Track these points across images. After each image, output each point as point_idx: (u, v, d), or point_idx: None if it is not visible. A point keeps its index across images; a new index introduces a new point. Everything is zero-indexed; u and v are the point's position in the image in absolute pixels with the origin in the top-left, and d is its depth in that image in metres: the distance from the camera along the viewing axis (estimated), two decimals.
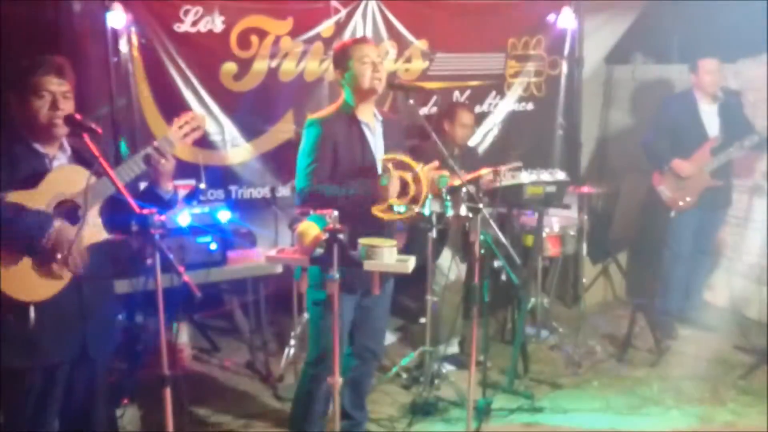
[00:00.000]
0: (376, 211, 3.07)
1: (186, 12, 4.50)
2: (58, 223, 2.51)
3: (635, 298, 5.12)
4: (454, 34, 5.27)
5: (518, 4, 5.50)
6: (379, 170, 3.12)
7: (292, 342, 4.48)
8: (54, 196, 2.56)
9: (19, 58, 2.61)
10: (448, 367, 4.46)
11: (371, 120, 3.27)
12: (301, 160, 3.19)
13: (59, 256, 2.51)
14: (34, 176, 2.54)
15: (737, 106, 5.10)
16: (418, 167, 3.07)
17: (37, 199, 2.54)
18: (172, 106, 4.51)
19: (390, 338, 5.07)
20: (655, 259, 5.39)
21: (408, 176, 3.06)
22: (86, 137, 2.51)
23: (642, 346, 4.92)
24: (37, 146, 2.62)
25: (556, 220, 5.11)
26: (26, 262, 2.52)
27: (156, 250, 2.35)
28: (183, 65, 4.55)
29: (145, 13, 4.42)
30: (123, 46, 4.39)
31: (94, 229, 2.63)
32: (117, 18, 4.30)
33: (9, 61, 2.71)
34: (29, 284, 2.53)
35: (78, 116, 2.54)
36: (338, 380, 2.90)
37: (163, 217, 2.36)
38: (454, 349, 4.73)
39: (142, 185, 2.90)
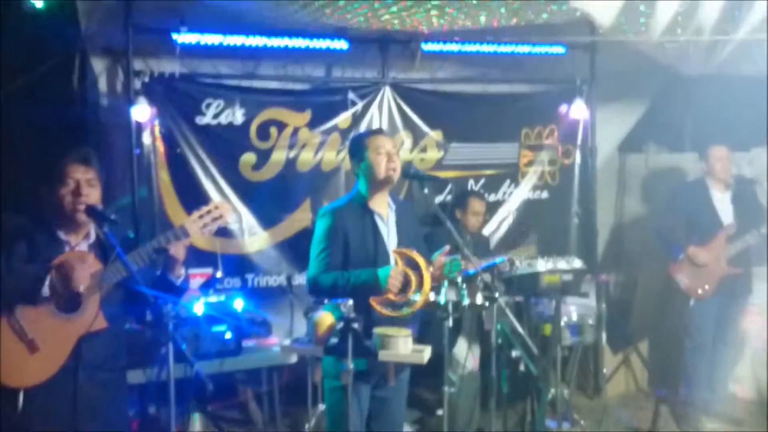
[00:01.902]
0: (373, 302, 3.04)
1: (208, 105, 4.66)
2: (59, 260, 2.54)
3: (658, 389, 4.98)
4: (468, 124, 5.38)
5: (531, 95, 5.63)
6: (391, 261, 3.13)
7: None
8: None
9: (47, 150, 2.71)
10: None
11: (384, 210, 3.30)
12: (313, 250, 3.23)
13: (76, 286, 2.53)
14: (47, 262, 2.58)
15: (751, 193, 5.10)
16: (425, 267, 3.02)
17: None
18: (191, 195, 4.60)
19: (407, 430, 4.94)
20: (676, 349, 5.28)
21: (412, 275, 3.03)
22: (105, 227, 2.56)
23: None
24: (60, 234, 2.68)
25: (574, 309, 5.04)
26: (18, 345, 2.52)
27: (169, 340, 2.35)
28: (203, 156, 4.67)
29: (169, 107, 4.58)
30: (146, 138, 4.53)
31: (94, 317, 2.62)
32: (142, 112, 4.45)
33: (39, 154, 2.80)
34: (20, 369, 2.52)
35: (98, 206, 2.61)
36: None
37: (176, 307, 2.36)
38: None
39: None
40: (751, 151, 5.57)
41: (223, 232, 4.73)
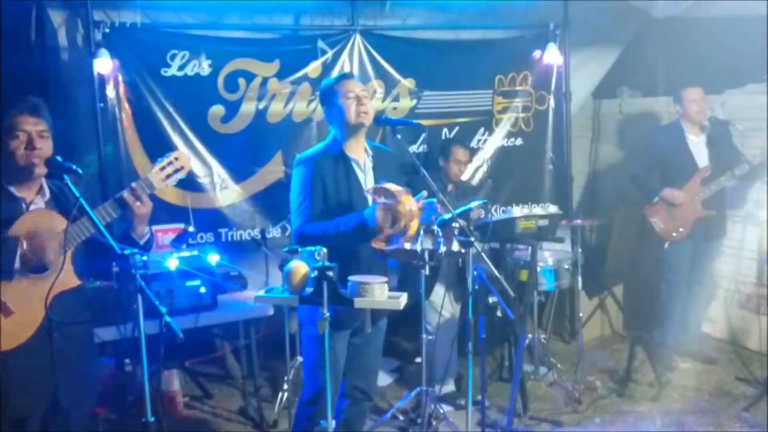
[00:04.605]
0: (374, 244, 3.01)
1: (173, 56, 4.53)
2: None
3: (633, 332, 5.04)
4: (441, 72, 5.29)
5: (504, 40, 5.54)
6: (369, 202, 3.08)
7: (286, 386, 4.37)
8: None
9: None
10: (445, 408, 4.35)
11: (361, 155, 3.24)
12: (293, 201, 3.18)
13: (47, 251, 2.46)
14: (8, 221, 2.48)
15: (725, 135, 5.10)
16: (399, 192, 2.96)
17: None
18: (159, 149, 4.38)
19: (386, 379, 4.97)
20: (651, 292, 5.34)
21: (391, 202, 2.97)
22: (67, 179, 2.47)
23: (642, 380, 4.84)
24: (13, 190, 2.57)
25: (549, 254, 5.06)
26: None
27: (138, 291, 2.29)
28: (170, 109, 4.56)
29: (132, 59, 4.44)
30: (110, 92, 4.40)
31: (65, 275, 2.55)
32: (103, 64, 4.31)
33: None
34: None
35: (58, 158, 2.51)
36: (331, 423, 2.83)
37: (144, 258, 2.30)
38: (450, 388, 4.63)
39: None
40: (723, 93, 5.56)
41: (195, 187, 4.66)
